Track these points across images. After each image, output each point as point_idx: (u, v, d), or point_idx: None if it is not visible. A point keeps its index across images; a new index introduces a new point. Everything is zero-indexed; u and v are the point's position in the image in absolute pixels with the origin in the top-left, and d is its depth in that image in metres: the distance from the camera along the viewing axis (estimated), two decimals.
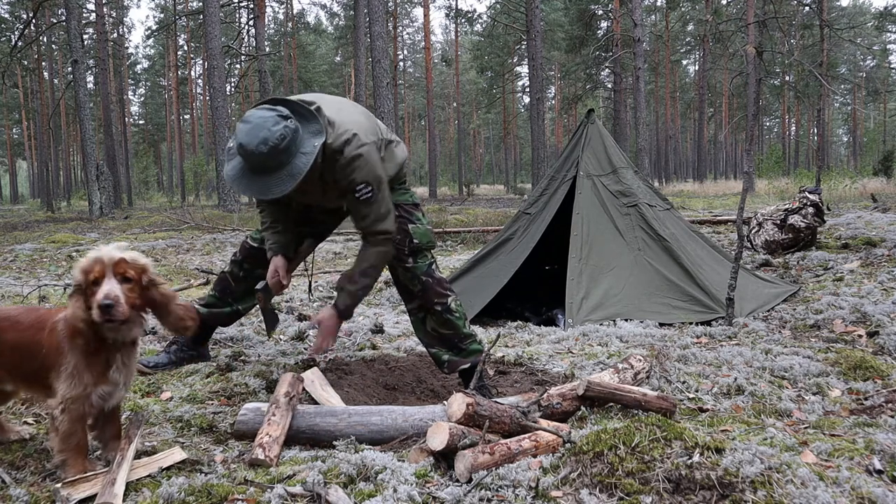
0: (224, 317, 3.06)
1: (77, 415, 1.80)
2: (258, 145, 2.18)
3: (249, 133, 2.20)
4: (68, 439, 1.80)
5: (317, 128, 2.33)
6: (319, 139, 2.30)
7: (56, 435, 1.80)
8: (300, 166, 2.25)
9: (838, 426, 2.20)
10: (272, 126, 2.20)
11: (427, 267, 2.70)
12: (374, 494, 1.68)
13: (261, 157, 2.20)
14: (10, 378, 1.97)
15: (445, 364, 2.73)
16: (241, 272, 2.98)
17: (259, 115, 2.24)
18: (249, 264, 2.95)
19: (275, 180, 2.25)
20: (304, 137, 2.28)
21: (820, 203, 6.69)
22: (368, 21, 15.24)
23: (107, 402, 1.87)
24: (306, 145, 2.28)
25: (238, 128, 2.25)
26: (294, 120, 2.28)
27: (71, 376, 1.79)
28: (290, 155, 2.24)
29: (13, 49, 20.14)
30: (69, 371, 1.80)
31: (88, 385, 1.80)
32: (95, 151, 17.83)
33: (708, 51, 33.51)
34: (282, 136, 2.20)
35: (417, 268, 2.67)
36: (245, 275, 2.97)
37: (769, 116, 51.69)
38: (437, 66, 48.07)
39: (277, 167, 2.24)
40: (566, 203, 4.57)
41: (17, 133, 48.40)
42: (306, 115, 2.34)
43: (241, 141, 2.21)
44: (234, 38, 26.97)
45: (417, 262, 2.68)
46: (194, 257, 8.07)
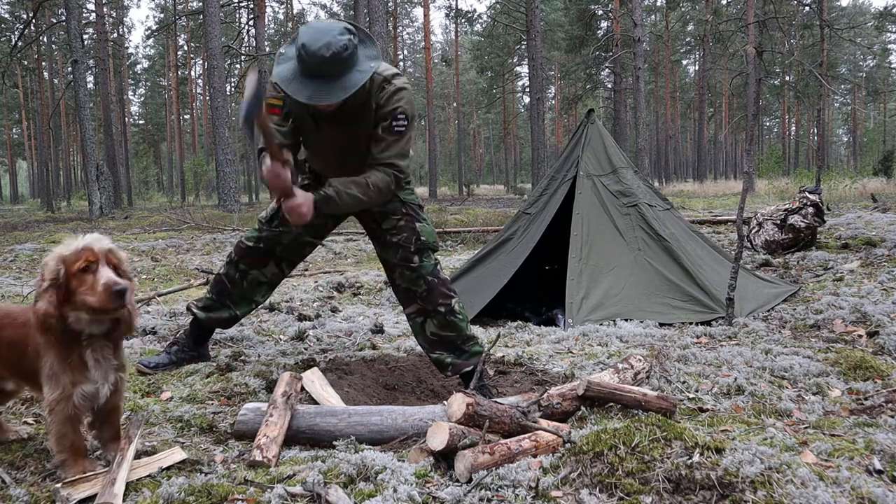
0: (223, 321, 3.04)
1: (63, 416, 1.78)
2: (321, 48, 2.20)
3: (314, 35, 2.22)
4: (62, 440, 1.80)
5: (374, 52, 2.37)
6: (375, 62, 2.34)
7: (51, 437, 1.81)
8: (355, 80, 2.27)
9: (838, 426, 2.20)
10: (337, 35, 2.23)
11: (433, 267, 2.69)
12: (374, 494, 1.68)
13: (320, 61, 2.21)
14: (11, 376, 1.98)
15: (449, 368, 2.71)
16: (236, 273, 2.95)
17: (327, 23, 2.29)
18: (245, 265, 2.92)
19: (327, 87, 2.26)
20: (360, 57, 2.32)
21: (820, 203, 6.69)
22: (368, 21, 15.24)
23: (94, 402, 1.84)
24: (363, 64, 2.31)
25: (301, 31, 2.26)
26: (356, 37, 2.31)
27: (49, 378, 1.78)
28: (347, 67, 2.26)
29: (13, 49, 20.14)
30: (47, 372, 1.78)
31: (66, 386, 1.77)
32: (95, 151, 17.84)
33: (708, 51, 33.52)
34: (344, 46, 2.22)
35: (423, 267, 2.66)
36: (241, 276, 2.94)
37: (769, 116, 51.70)
38: (437, 66, 48.06)
39: (333, 76, 2.25)
40: (566, 203, 4.57)
41: (17, 133, 48.41)
42: (364, 39, 2.38)
43: (304, 41, 2.22)
44: (234, 38, 26.98)
45: (423, 261, 2.67)
46: (194, 257, 8.07)
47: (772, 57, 22.18)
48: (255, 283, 2.96)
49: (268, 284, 3.01)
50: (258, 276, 2.94)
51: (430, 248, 2.70)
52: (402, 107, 2.45)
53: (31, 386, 1.99)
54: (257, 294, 3.01)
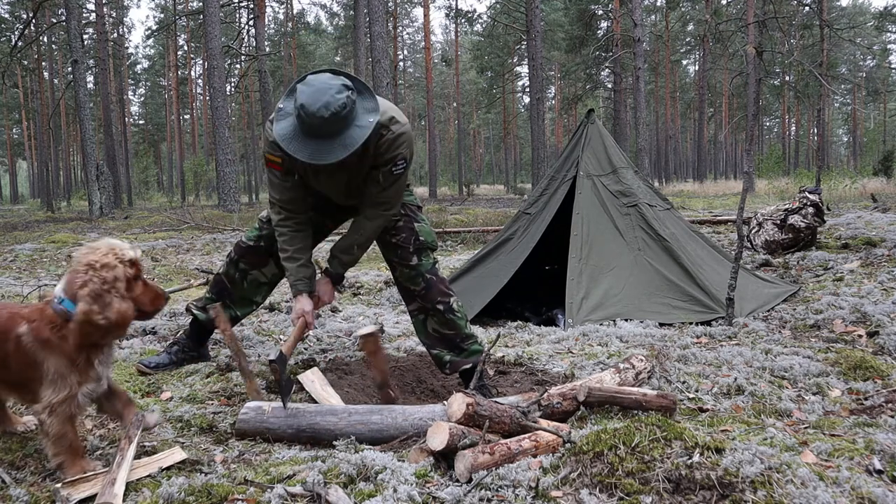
0: None
1: (65, 416, 1.79)
2: (320, 109, 2.17)
3: (312, 96, 2.18)
4: (60, 441, 1.80)
5: (373, 105, 2.34)
6: (374, 116, 2.32)
7: (47, 439, 1.80)
8: (355, 138, 2.25)
9: (838, 426, 2.20)
10: (336, 93, 2.20)
11: (431, 266, 2.72)
12: (374, 494, 1.68)
13: (319, 122, 2.19)
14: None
15: (447, 365, 2.74)
16: (236, 273, 2.96)
17: (323, 81, 2.24)
18: (245, 264, 2.94)
19: (327, 147, 2.24)
20: (360, 111, 2.30)
21: (820, 203, 6.69)
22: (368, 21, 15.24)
23: (92, 396, 1.89)
24: (362, 119, 2.29)
25: (299, 90, 2.23)
26: (354, 92, 2.29)
27: (55, 380, 1.78)
28: (347, 125, 2.24)
29: (13, 49, 20.13)
30: (52, 374, 1.78)
31: (73, 386, 1.79)
32: (95, 151, 17.83)
33: (708, 51, 33.52)
34: (343, 105, 2.20)
35: (422, 265, 2.69)
36: (241, 276, 2.96)
37: (769, 116, 51.70)
38: (437, 66, 48.06)
39: (332, 135, 2.23)
40: (566, 203, 4.57)
41: (17, 133, 48.41)
42: (363, 91, 2.36)
43: (302, 102, 2.19)
44: (234, 38, 26.97)
45: (422, 260, 2.70)
46: (194, 257, 8.07)
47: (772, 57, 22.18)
48: (255, 284, 2.98)
49: (268, 284, 3.03)
50: (258, 276, 2.96)
51: (428, 247, 2.73)
52: (401, 153, 2.47)
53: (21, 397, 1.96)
54: (257, 294, 3.03)
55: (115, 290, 1.80)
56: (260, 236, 2.91)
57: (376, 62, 13.95)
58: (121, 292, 1.81)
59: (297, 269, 2.60)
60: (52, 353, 1.79)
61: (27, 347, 1.80)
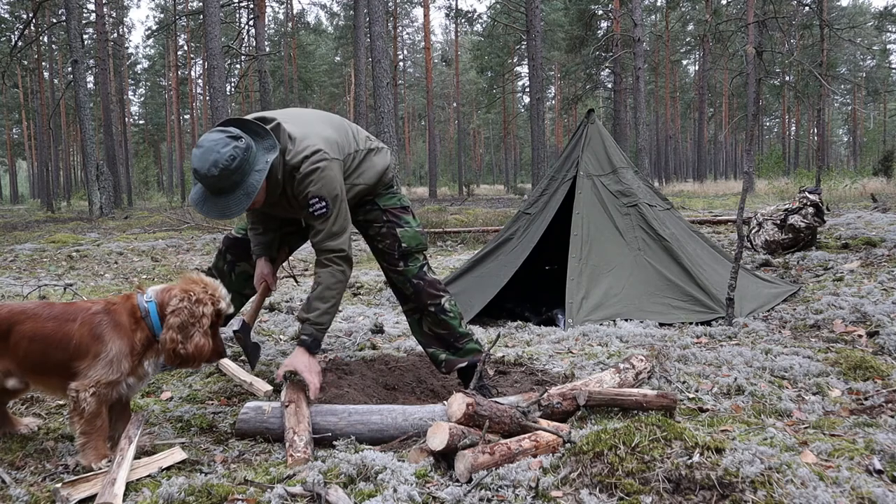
0: None
1: (105, 398, 1.90)
2: (209, 168, 2.19)
3: (201, 158, 2.21)
4: (93, 420, 1.89)
5: (270, 143, 2.32)
6: (272, 154, 2.30)
7: (80, 418, 1.87)
8: (254, 184, 2.25)
9: (838, 426, 2.20)
10: (221, 148, 2.19)
11: (418, 270, 2.70)
12: (374, 494, 1.68)
13: (213, 180, 2.21)
14: (22, 372, 2.00)
15: (443, 363, 2.75)
16: (224, 265, 2.98)
17: (209, 139, 2.23)
18: (232, 255, 2.96)
19: (233, 200, 2.25)
20: (257, 155, 2.28)
21: (820, 203, 6.69)
22: (368, 21, 15.23)
23: (129, 392, 2.01)
24: (258, 162, 2.27)
25: (193, 153, 2.25)
26: (246, 139, 2.26)
27: (110, 362, 1.91)
28: (244, 174, 2.24)
29: (13, 49, 20.14)
30: (108, 357, 1.91)
31: (124, 373, 1.93)
32: (95, 151, 17.83)
33: (708, 51, 33.50)
34: (231, 157, 2.19)
35: (408, 271, 2.69)
36: (229, 268, 2.97)
37: (769, 116, 51.69)
38: (437, 66, 48.06)
39: (232, 187, 2.24)
40: (566, 203, 4.57)
41: (17, 133, 48.42)
42: (259, 132, 2.33)
43: (194, 166, 2.23)
44: (234, 38, 26.96)
45: (408, 265, 2.69)
46: (194, 257, 8.07)
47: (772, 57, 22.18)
48: (243, 276, 2.97)
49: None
50: (247, 267, 2.95)
51: (413, 251, 2.70)
52: (311, 191, 2.37)
53: (43, 382, 2.02)
54: (247, 287, 3.01)
55: (201, 326, 1.97)
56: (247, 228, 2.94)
57: (376, 62, 13.94)
58: (204, 329, 1.98)
59: (256, 236, 2.77)
60: (120, 336, 1.94)
61: (97, 324, 1.93)
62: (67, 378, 1.93)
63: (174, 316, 1.95)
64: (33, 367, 1.97)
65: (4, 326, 1.95)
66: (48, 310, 1.99)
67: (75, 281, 5.97)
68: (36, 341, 1.94)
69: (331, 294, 2.44)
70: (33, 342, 1.94)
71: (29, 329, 1.94)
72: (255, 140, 2.30)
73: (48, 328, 1.94)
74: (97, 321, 1.95)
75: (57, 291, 5.14)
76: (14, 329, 1.95)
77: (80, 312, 1.98)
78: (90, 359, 1.91)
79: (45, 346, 1.94)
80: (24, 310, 1.99)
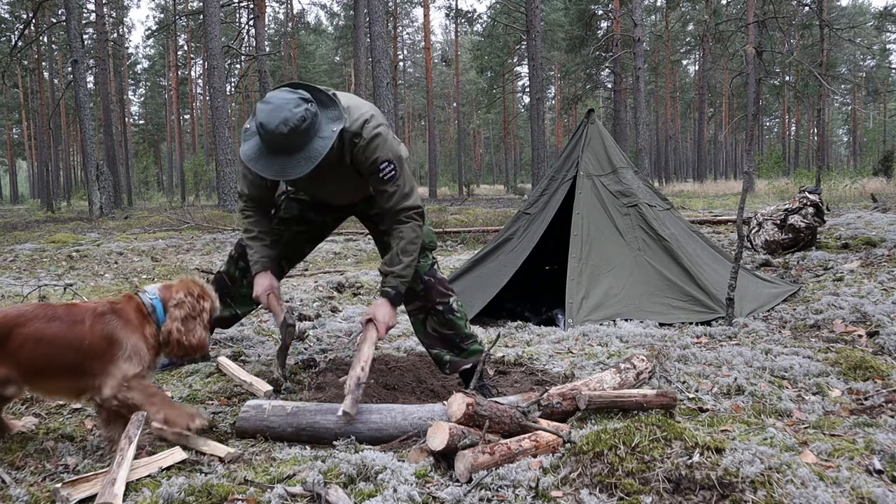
0: (224, 319, 3.07)
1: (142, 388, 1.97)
2: (278, 125, 2.18)
3: (270, 113, 2.19)
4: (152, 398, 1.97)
5: (336, 113, 2.33)
6: (338, 125, 2.31)
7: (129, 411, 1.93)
8: (318, 149, 2.25)
9: (838, 426, 2.20)
10: (293, 108, 2.20)
11: (429, 267, 2.70)
12: (374, 494, 1.68)
13: (280, 138, 2.20)
14: (22, 375, 1.99)
15: (447, 365, 2.73)
16: (237, 271, 2.99)
17: (280, 97, 2.23)
18: (245, 262, 2.93)
19: (293, 162, 2.25)
20: (322, 122, 2.29)
21: (820, 203, 6.69)
22: (368, 21, 15.23)
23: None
24: (325, 130, 2.28)
25: (258, 108, 2.24)
26: (314, 104, 2.28)
27: (130, 357, 1.97)
28: (309, 138, 2.25)
29: (13, 49, 20.13)
30: (128, 352, 1.97)
31: (145, 366, 2.00)
32: (95, 151, 17.83)
33: (708, 51, 33.50)
34: (302, 118, 2.20)
35: (420, 267, 2.67)
36: (241, 274, 2.97)
37: (769, 116, 51.69)
38: (437, 66, 48.05)
39: (295, 149, 2.24)
40: (566, 203, 4.57)
41: (17, 133, 48.42)
42: (325, 101, 2.35)
43: (261, 120, 2.20)
44: (234, 38, 26.95)
45: (420, 261, 2.68)
46: (194, 257, 8.07)
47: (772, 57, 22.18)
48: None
49: None
50: None
51: (426, 248, 2.71)
52: (380, 156, 2.40)
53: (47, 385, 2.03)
54: None
55: (202, 319, 2.10)
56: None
57: (376, 62, 13.95)
58: (204, 322, 2.10)
59: (263, 247, 2.67)
60: (133, 333, 2.01)
61: (107, 323, 1.98)
62: (78, 378, 1.95)
63: (178, 308, 2.07)
64: (38, 370, 1.96)
65: (2, 331, 1.93)
66: (49, 311, 1.99)
67: (75, 281, 5.97)
68: (43, 344, 1.93)
69: (413, 248, 2.50)
70: (40, 344, 1.93)
71: (33, 332, 1.93)
72: (321, 108, 2.32)
73: (54, 330, 1.94)
74: (107, 321, 1.99)
75: (57, 291, 5.14)
76: (14, 333, 1.92)
77: (86, 313, 1.99)
78: (109, 358, 1.95)
79: (53, 348, 1.93)
80: (21, 313, 1.97)
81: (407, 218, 2.49)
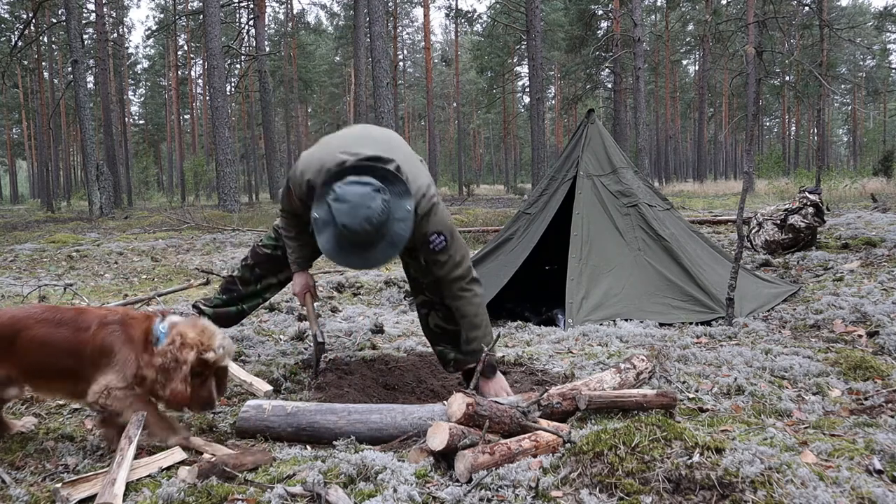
0: (230, 316, 3.17)
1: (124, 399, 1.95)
2: (362, 223, 2.15)
3: (350, 213, 2.15)
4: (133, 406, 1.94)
5: (403, 189, 2.28)
6: (410, 201, 2.27)
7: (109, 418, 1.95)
8: (400, 234, 2.24)
9: (838, 426, 2.20)
10: (371, 203, 2.15)
11: None
12: (374, 494, 1.68)
13: (366, 235, 2.17)
14: (25, 377, 2.00)
15: (451, 363, 2.75)
16: (251, 276, 3.11)
17: (356, 193, 2.17)
18: (262, 270, 3.09)
19: (378, 251, 2.23)
20: (394, 203, 2.24)
21: (820, 203, 6.69)
22: (368, 21, 15.24)
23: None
24: (399, 210, 2.24)
25: (335, 207, 2.17)
26: (386, 190, 2.22)
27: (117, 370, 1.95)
28: (389, 224, 2.22)
29: (13, 49, 20.14)
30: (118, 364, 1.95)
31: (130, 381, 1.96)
32: (95, 151, 17.83)
33: (708, 51, 33.50)
34: (383, 212, 2.17)
35: None
36: (256, 280, 3.10)
37: (769, 116, 51.69)
38: (437, 66, 48.07)
39: (380, 239, 2.22)
40: (566, 203, 4.57)
41: (17, 133, 48.43)
42: (391, 179, 2.28)
43: (343, 222, 2.15)
44: (234, 38, 26.96)
45: None
46: (194, 257, 8.06)
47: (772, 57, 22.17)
48: (267, 286, 3.15)
49: (278, 285, 3.17)
50: (272, 279, 3.13)
51: None
52: (430, 229, 2.41)
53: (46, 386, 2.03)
54: (267, 293, 3.19)
55: (180, 371, 1.95)
56: (276, 245, 3.04)
57: (376, 62, 13.95)
58: (183, 375, 1.94)
59: (299, 247, 2.79)
60: (130, 349, 1.97)
61: (109, 334, 1.96)
62: (76, 382, 1.95)
63: (158, 356, 1.96)
64: (39, 371, 1.97)
65: (9, 332, 1.94)
66: (58, 315, 1.98)
67: (75, 281, 5.97)
68: (46, 347, 1.93)
69: (479, 320, 2.53)
70: (44, 347, 1.93)
71: (38, 335, 1.94)
72: (388, 186, 2.25)
73: (59, 335, 1.94)
74: (110, 330, 1.97)
75: (57, 291, 5.14)
76: (21, 336, 1.93)
77: (94, 321, 1.98)
78: (100, 366, 1.94)
79: (55, 352, 1.94)
80: (29, 315, 1.97)
81: (460, 291, 2.49)
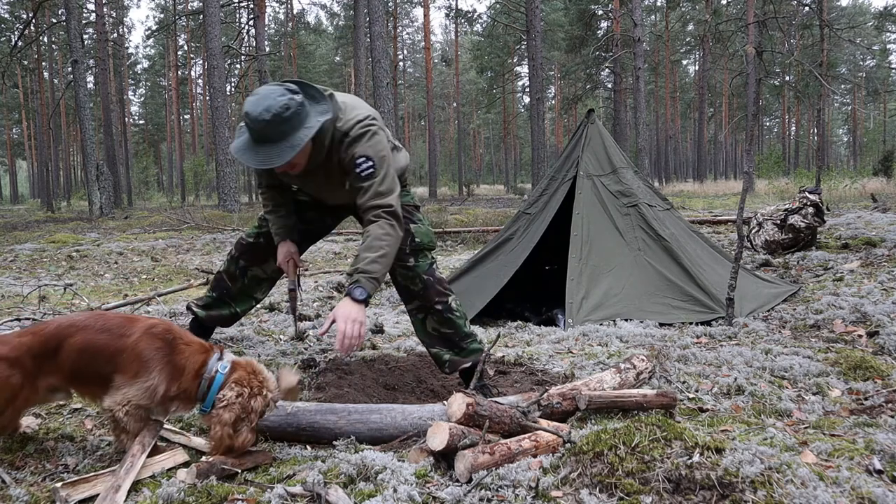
0: (223, 318, 3.10)
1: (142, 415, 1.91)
2: (261, 112, 2.23)
3: (255, 103, 2.26)
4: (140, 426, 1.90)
5: (324, 107, 2.37)
6: (324, 116, 2.34)
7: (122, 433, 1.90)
8: (301, 138, 2.28)
9: (838, 426, 2.20)
10: (277, 97, 2.25)
11: (428, 266, 2.71)
12: (374, 494, 1.68)
13: (263, 125, 2.24)
14: (68, 383, 1.98)
15: (447, 364, 2.74)
16: (236, 269, 3.01)
17: (267, 88, 2.30)
18: (245, 261, 3.00)
19: (276, 150, 2.28)
20: (309, 113, 2.32)
21: (820, 203, 6.69)
22: (368, 21, 15.24)
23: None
24: (309, 120, 2.31)
25: (246, 100, 2.31)
26: (301, 97, 2.31)
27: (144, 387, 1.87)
28: (293, 127, 2.28)
29: (13, 49, 20.13)
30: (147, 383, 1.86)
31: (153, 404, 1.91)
32: (95, 151, 17.83)
33: (708, 51, 33.51)
34: (285, 107, 2.24)
35: (419, 267, 2.69)
36: (241, 273, 3.01)
37: (769, 116, 51.70)
38: (437, 66, 48.07)
39: (279, 137, 2.27)
40: (566, 203, 4.57)
41: (17, 133, 48.44)
42: (315, 96, 2.39)
43: (246, 109, 2.27)
44: (234, 38, 26.95)
45: (419, 261, 2.69)
46: (194, 257, 8.07)
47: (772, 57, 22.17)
48: (255, 280, 3.03)
49: (268, 280, 3.08)
50: (258, 272, 3.02)
51: (425, 248, 2.72)
52: (358, 151, 2.39)
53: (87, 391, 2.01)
54: (257, 291, 3.09)
55: (250, 421, 1.89)
56: (259, 233, 2.96)
57: (376, 62, 13.96)
58: (252, 424, 1.90)
59: (278, 219, 2.80)
60: (168, 373, 1.88)
61: (152, 348, 1.88)
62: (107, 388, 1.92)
63: (227, 411, 1.87)
64: (82, 378, 1.95)
65: (53, 343, 1.92)
66: (101, 322, 1.95)
67: (75, 281, 5.97)
68: (86, 353, 1.91)
69: (379, 244, 2.34)
70: (83, 353, 1.91)
71: (80, 341, 1.91)
72: (310, 101, 2.35)
73: (100, 342, 1.91)
74: (154, 343, 1.90)
75: (57, 291, 5.14)
76: (65, 344, 1.91)
77: (138, 329, 1.92)
78: (129, 375, 1.87)
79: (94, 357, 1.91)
80: (72, 323, 1.95)
81: (375, 216, 2.39)
